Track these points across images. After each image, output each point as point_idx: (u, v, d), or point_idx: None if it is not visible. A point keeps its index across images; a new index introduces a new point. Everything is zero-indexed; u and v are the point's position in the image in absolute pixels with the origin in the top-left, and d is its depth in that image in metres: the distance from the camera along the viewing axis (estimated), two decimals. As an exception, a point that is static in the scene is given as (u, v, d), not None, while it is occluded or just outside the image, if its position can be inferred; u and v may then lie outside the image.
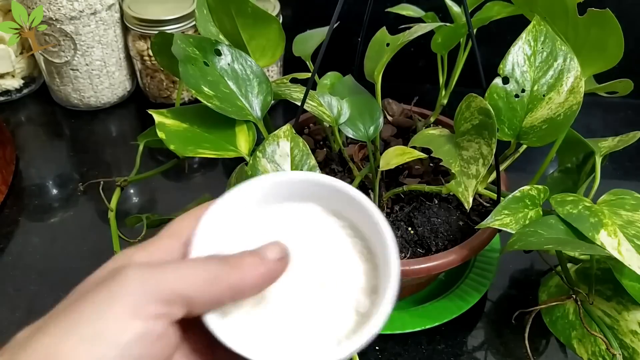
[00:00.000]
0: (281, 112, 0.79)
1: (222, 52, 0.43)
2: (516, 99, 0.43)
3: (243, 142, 0.43)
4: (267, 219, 0.29)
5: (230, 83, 0.43)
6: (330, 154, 0.55)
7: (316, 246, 0.27)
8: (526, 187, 0.44)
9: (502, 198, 0.46)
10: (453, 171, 0.41)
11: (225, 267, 0.24)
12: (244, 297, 0.25)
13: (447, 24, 0.52)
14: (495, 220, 0.42)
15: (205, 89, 0.42)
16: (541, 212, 0.44)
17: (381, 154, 0.45)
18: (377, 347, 0.51)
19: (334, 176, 0.53)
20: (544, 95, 0.43)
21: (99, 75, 0.76)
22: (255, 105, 0.44)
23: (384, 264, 0.26)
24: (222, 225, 0.27)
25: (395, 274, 0.25)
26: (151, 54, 0.74)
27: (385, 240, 0.26)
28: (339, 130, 0.50)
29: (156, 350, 0.23)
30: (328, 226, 0.28)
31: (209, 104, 0.41)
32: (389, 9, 0.60)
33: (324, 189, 0.28)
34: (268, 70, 0.78)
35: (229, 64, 0.44)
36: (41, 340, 0.21)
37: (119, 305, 0.22)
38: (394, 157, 0.43)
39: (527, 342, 0.42)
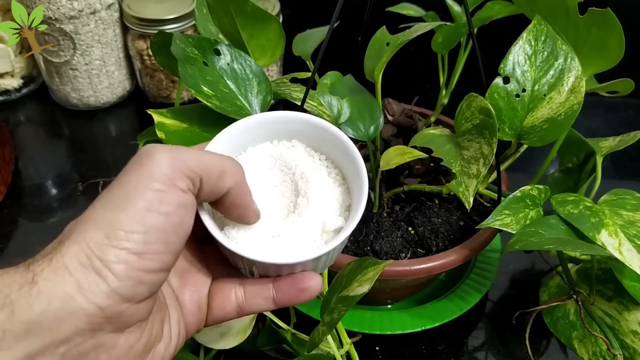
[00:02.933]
0: (281, 111, 0.79)
1: (221, 51, 0.43)
2: (517, 98, 0.43)
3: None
4: (259, 154, 0.35)
5: (229, 83, 0.43)
6: (330, 154, 0.55)
7: (301, 174, 0.33)
8: (527, 187, 0.44)
9: (502, 198, 0.46)
10: (454, 171, 0.41)
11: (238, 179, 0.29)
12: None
13: (448, 23, 0.52)
14: (496, 221, 0.42)
15: (205, 88, 0.41)
16: (542, 212, 0.44)
17: (381, 153, 0.45)
18: (377, 347, 0.51)
19: (334, 176, 0.53)
20: (544, 95, 0.43)
21: (98, 74, 0.76)
22: (255, 105, 0.44)
23: (358, 187, 0.32)
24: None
25: (364, 196, 0.31)
26: (151, 53, 0.74)
27: (359, 168, 0.32)
28: (339, 130, 0.49)
29: (188, 219, 0.27)
30: (310, 158, 0.35)
31: (209, 104, 0.41)
32: (389, 8, 0.60)
33: (307, 126, 0.34)
34: (268, 70, 0.78)
35: (228, 64, 0.43)
36: (101, 214, 0.25)
37: (157, 181, 0.25)
38: (394, 156, 0.43)
39: (527, 342, 0.42)
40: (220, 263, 0.33)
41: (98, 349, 0.25)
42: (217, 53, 0.43)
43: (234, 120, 0.34)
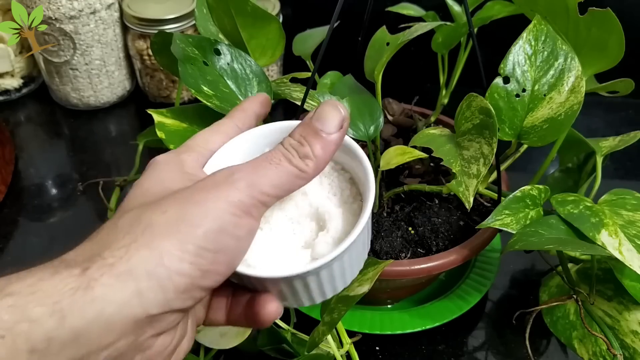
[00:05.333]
0: (281, 111, 0.79)
1: (221, 51, 0.43)
2: (517, 98, 0.43)
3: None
4: None
5: (229, 82, 0.43)
6: (331, 154, 0.55)
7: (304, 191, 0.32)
8: (527, 187, 0.44)
9: (502, 198, 0.46)
10: (454, 171, 0.41)
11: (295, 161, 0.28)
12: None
13: (448, 23, 0.52)
14: (496, 220, 0.42)
15: (205, 88, 0.41)
16: (542, 212, 0.44)
17: (381, 153, 0.45)
18: (377, 347, 0.51)
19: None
20: (544, 95, 0.43)
21: (98, 74, 0.76)
22: (255, 105, 0.44)
23: (365, 192, 0.30)
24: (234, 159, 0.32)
25: (370, 204, 0.29)
26: (151, 53, 0.74)
27: (368, 175, 0.30)
28: (339, 130, 0.49)
29: (251, 243, 0.28)
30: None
31: (209, 104, 0.41)
32: (389, 8, 0.60)
33: None
34: (268, 70, 0.78)
35: (228, 64, 0.43)
36: (175, 225, 0.25)
37: (235, 207, 0.26)
38: (394, 156, 0.43)
39: (527, 342, 0.42)
40: None
41: (135, 350, 0.24)
42: (217, 53, 0.43)
43: None
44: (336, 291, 0.31)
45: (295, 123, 0.33)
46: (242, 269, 0.27)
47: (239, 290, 0.30)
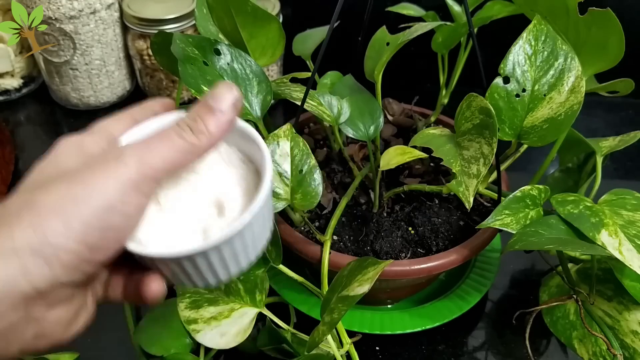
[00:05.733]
0: (281, 111, 0.79)
1: (221, 51, 0.43)
2: (517, 98, 0.43)
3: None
4: None
5: (230, 82, 0.43)
6: (331, 154, 0.55)
7: (211, 167, 0.32)
8: (527, 187, 0.44)
9: (502, 198, 0.46)
10: (454, 171, 0.41)
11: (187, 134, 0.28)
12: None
13: (448, 23, 0.52)
14: (496, 220, 0.42)
15: (205, 88, 0.41)
16: (542, 212, 0.44)
17: (381, 153, 0.45)
18: (377, 347, 0.51)
19: (334, 176, 0.53)
20: (544, 95, 0.43)
21: (98, 74, 0.76)
22: (255, 105, 0.44)
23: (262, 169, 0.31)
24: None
25: (266, 186, 0.30)
26: (151, 53, 0.74)
27: (264, 156, 0.31)
28: (339, 130, 0.49)
29: (141, 219, 0.28)
30: (225, 154, 0.33)
31: None
32: (389, 8, 0.60)
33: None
34: (268, 70, 0.78)
35: (228, 64, 0.43)
36: (61, 203, 0.25)
37: (124, 185, 0.26)
38: (394, 156, 0.43)
39: (527, 342, 0.42)
40: None
41: (28, 322, 0.26)
42: (217, 53, 0.43)
43: None
44: (231, 274, 0.31)
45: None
46: (131, 246, 0.28)
47: (136, 269, 0.30)
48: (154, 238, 0.30)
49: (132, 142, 0.29)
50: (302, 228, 0.48)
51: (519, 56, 0.43)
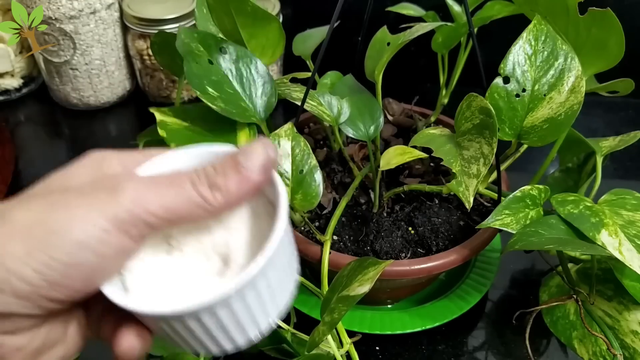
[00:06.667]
0: (281, 111, 0.79)
1: (227, 50, 0.43)
2: (517, 98, 0.43)
3: (244, 141, 0.43)
4: None
5: (234, 83, 0.43)
6: (331, 154, 0.55)
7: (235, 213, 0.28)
8: (527, 187, 0.44)
9: (502, 198, 0.46)
10: (454, 171, 0.41)
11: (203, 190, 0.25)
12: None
13: (448, 23, 0.52)
14: (496, 220, 0.42)
15: (210, 89, 0.41)
16: (542, 212, 0.44)
17: (381, 153, 0.45)
18: (377, 347, 0.51)
19: (334, 176, 0.53)
20: (544, 95, 0.43)
21: (98, 74, 0.76)
22: (259, 107, 0.44)
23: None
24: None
25: (273, 243, 0.25)
26: (151, 53, 0.74)
27: (280, 208, 0.26)
28: (339, 130, 0.49)
29: (122, 264, 0.25)
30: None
31: (214, 106, 0.41)
32: (389, 8, 0.60)
33: (213, 157, 0.29)
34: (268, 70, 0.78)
35: (233, 63, 0.43)
36: (32, 227, 0.23)
37: (107, 221, 0.23)
38: (394, 156, 0.43)
39: (527, 342, 0.42)
40: None
41: None
42: (223, 51, 0.43)
43: (235, 121, 0.32)
44: (237, 343, 0.25)
45: (203, 149, 0.29)
46: (107, 290, 0.24)
47: (116, 308, 0.25)
48: (142, 284, 0.26)
49: (145, 175, 0.25)
50: (302, 228, 0.48)
51: (519, 56, 0.43)
